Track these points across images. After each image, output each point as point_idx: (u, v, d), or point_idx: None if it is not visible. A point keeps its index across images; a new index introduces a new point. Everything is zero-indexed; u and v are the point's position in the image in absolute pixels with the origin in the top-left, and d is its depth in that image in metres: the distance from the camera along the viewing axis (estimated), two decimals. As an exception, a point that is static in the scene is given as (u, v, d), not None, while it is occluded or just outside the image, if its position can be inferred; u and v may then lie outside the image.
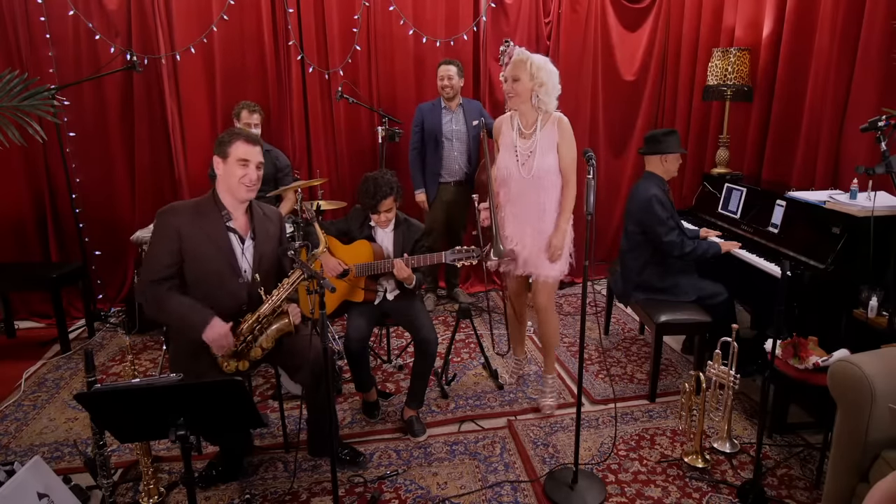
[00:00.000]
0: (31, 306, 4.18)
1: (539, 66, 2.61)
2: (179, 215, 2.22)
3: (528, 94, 2.65)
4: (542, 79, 2.62)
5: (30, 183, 4.03)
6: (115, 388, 1.66)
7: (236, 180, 2.22)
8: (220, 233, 2.24)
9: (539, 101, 2.66)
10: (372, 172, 2.78)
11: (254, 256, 2.32)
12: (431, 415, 2.96)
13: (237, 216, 2.29)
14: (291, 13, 4.11)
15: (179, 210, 2.24)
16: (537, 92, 2.64)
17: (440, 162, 4.06)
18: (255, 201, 2.38)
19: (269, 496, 2.38)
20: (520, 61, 2.63)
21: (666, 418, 2.90)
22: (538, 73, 2.61)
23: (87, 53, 3.94)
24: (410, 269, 2.72)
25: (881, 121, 2.24)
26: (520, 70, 2.62)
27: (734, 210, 3.47)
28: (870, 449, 1.84)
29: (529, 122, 2.73)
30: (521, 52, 2.67)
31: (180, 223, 2.19)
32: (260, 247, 2.34)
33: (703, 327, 2.96)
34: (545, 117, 2.71)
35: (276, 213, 2.48)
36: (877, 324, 2.51)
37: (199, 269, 2.22)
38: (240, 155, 2.21)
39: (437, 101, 4.04)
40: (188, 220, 2.21)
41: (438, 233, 4.15)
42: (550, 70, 2.64)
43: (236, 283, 2.27)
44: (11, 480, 2.03)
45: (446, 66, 3.96)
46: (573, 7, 4.48)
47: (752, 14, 3.90)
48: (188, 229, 2.19)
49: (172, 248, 2.19)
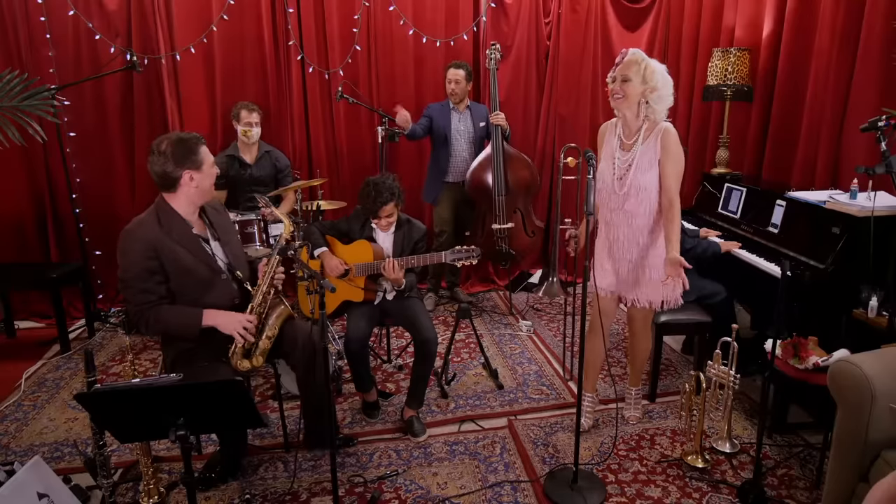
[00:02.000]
0: (31, 306, 4.18)
1: (654, 69, 2.39)
2: (148, 232, 2.16)
3: (637, 97, 2.41)
4: (655, 83, 2.38)
5: (30, 183, 4.03)
6: (115, 388, 1.66)
7: (212, 182, 2.26)
8: (190, 239, 2.24)
9: (648, 109, 2.42)
10: (374, 177, 2.78)
11: (226, 254, 2.35)
12: (431, 415, 2.96)
13: (194, 221, 2.29)
14: (291, 13, 4.11)
15: (146, 226, 2.18)
16: (648, 98, 2.40)
17: (448, 160, 4.08)
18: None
19: (269, 496, 2.38)
20: (633, 61, 2.39)
21: (666, 418, 2.90)
22: (652, 77, 2.38)
23: (87, 53, 3.94)
24: (403, 271, 2.72)
25: (881, 121, 2.24)
26: (632, 70, 2.38)
27: (734, 210, 3.47)
28: (870, 449, 1.84)
29: (632, 130, 2.49)
30: (635, 53, 2.43)
31: (151, 237, 2.15)
32: (227, 244, 2.37)
33: (703, 327, 2.96)
34: (650, 127, 2.45)
35: (219, 205, 2.49)
36: (877, 324, 2.51)
37: (183, 279, 2.21)
38: (210, 157, 2.24)
39: (447, 103, 4.07)
40: (158, 234, 2.17)
41: (448, 233, 4.16)
42: (666, 77, 2.42)
43: (220, 281, 2.29)
44: (11, 480, 2.03)
45: (455, 70, 3.97)
46: (573, 7, 4.48)
47: (752, 14, 3.89)
48: (160, 243, 2.16)
49: (153, 265, 2.15)
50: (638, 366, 2.90)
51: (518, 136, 4.57)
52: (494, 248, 4.05)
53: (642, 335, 2.81)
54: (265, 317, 2.32)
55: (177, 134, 2.25)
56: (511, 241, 4.05)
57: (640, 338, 2.81)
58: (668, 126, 2.44)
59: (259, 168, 3.81)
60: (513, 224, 4.03)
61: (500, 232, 4.00)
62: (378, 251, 2.82)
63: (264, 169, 3.83)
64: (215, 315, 2.21)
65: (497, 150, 3.91)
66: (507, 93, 4.52)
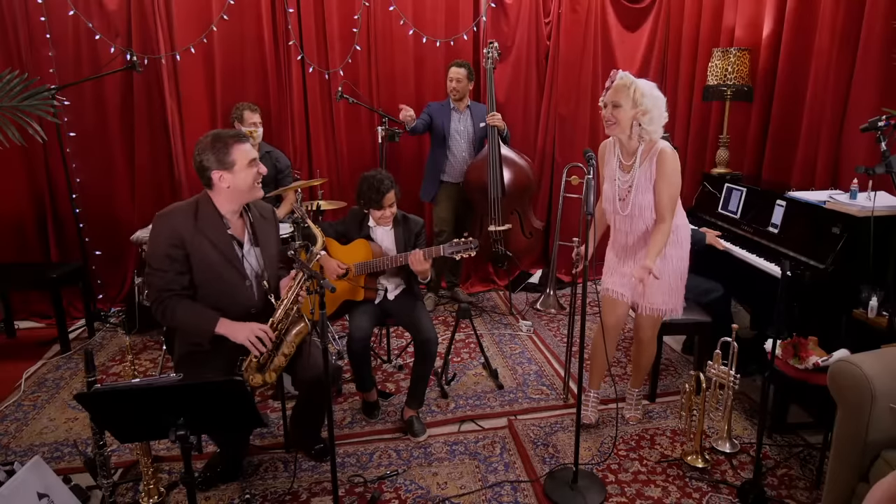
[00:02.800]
0: (31, 306, 4.17)
1: (644, 91, 2.38)
2: (180, 221, 2.12)
3: (630, 122, 2.41)
4: (646, 106, 2.38)
5: (30, 183, 4.03)
6: (115, 388, 1.66)
7: (251, 183, 2.15)
8: (223, 239, 2.18)
9: (641, 131, 2.42)
10: (367, 172, 2.78)
11: (260, 262, 2.29)
12: (431, 415, 2.96)
13: (234, 221, 2.23)
14: (291, 13, 4.11)
15: (179, 215, 2.14)
16: (640, 120, 2.40)
17: (444, 160, 4.08)
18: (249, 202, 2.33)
19: (269, 496, 2.38)
20: (622, 86, 2.39)
21: (666, 418, 2.90)
22: (642, 100, 2.37)
23: (87, 53, 3.94)
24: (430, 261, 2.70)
25: (881, 121, 2.24)
26: (622, 96, 2.39)
27: (734, 210, 3.47)
28: (870, 449, 1.84)
29: (629, 152, 2.51)
30: (624, 77, 2.42)
31: (182, 228, 2.11)
32: (265, 251, 2.30)
33: (703, 327, 2.96)
34: (648, 147, 2.47)
35: (269, 210, 2.42)
36: (877, 324, 2.51)
37: (205, 275, 2.16)
38: (248, 157, 2.13)
39: (447, 102, 4.07)
40: (190, 226, 2.12)
41: (448, 233, 4.17)
42: (656, 96, 2.41)
43: (243, 286, 2.23)
44: (11, 480, 2.03)
45: (456, 69, 3.98)
46: (573, 7, 4.48)
47: (752, 14, 3.89)
48: (190, 235, 2.12)
49: (179, 254, 2.10)
50: (641, 372, 2.91)
51: (518, 136, 4.57)
52: (491, 249, 4.05)
53: (649, 344, 2.81)
54: (284, 333, 2.25)
55: (218, 130, 2.18)
56: (508, 243, 4.05)
57: (645, 346, 2.82)
58: (665, 147, 2.45)
59: (259, 168, 3.81)
60: (510, 225, 4.03)
61: (496, 234, 4.00)
62: (376, 250, 2.82)
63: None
64: (231, 324, 2.14)
65: (493, 151, 3.90)
66: (506, 93, 4.53)
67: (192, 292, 2.18)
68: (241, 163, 2.11)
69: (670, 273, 2.62)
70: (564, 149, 4.67)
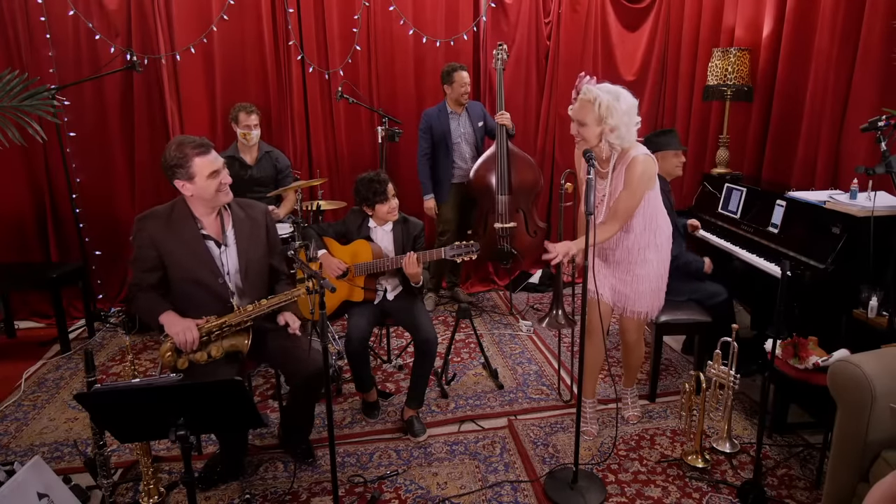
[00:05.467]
0: (31, 306, 4.18)
1: (609, 105, 2.28)
2: (153, 223, 2.24)
3: (597, 139, 2.36)
4: (612, 123, 2.30)
5: (30, 183, 4.03)
6: (115, 388, 1.66)
7: (213, 192, 2.21)
8: (195, 239, 2.25)
9: (611, 146, 2.39)
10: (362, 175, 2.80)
11: (237, 263, 2.33)
12: (431, 415, 2.96)
13: (209, 221, 2.30)
14: (291, 13, 4.12)
15: (152, 219, 2.25)
16: (607, 137, 2.35)
17: (451, 167, 4.09)
18: (234, 202, 2.37)
19: (269, 496, 2.38)
20: (586, 101, 2.31)
21: (666, 418, 2.90)
22: (608, 115, 2.29)
23: (87, 53, 3.94)
24: (422, 265, 2.71)
25: (881, 121, 2.24)
26: (586, 113, 2.32)
27: (734, 210, 3.47)
28: (870, 449, 1.84)
29: (603, 159, 2.48)
30: (587, 91, 2.32)
31: (154, 231, 2.23)
32: (243, 253, 2.34)
33: (703, 327, 2.96)
34: (621, 155, 2.42)
35: (260, 211, 2.45)
36: (877, 324, 2.51)
37: (179, 273, 2.27)
38: (207, 169, 2.16)
39: (443, 106, 4.05)
40: (161, 227, 2.24)
41: (451, 232, 4.17)
42: (623, 110, 2.30)
43: (217, 284, 2.29)
44: (11, 480, 2.03)
45: (465, 73, 3.97)
46: (573, 7, 4.48)
47: (752, 14, 3.89)
48: (162, 237, 2.23)
49: (150, 255, 2.24)
50: (632, 372, 2.92)
51: (518, 136, 4.55)
52: (496, 246, 4.05)
53: (635, 346, 2.81)
54: (223, 337, 2.27)
55: (182, 137, 2.21)
56: (513, 241, 4.05)
57: (632, 347, 2.82)
58: (637, 154, 2.39)
59: (259, 169, 3.81)
60: (515, 224, 4.03)
61: (503, 231, 4.01)
62: (377, 250, 2.82)
63: (265, 170, 3.83)
64: (171, 317, 2.22)
65: (501, 149, 3.92)
66: (507, 93, 4.50)
67: (165, 289, 2.31)
68: (202, 174, 2.17)
69: (652, 277, 2.62)
70: (564, 149, 4.67)
